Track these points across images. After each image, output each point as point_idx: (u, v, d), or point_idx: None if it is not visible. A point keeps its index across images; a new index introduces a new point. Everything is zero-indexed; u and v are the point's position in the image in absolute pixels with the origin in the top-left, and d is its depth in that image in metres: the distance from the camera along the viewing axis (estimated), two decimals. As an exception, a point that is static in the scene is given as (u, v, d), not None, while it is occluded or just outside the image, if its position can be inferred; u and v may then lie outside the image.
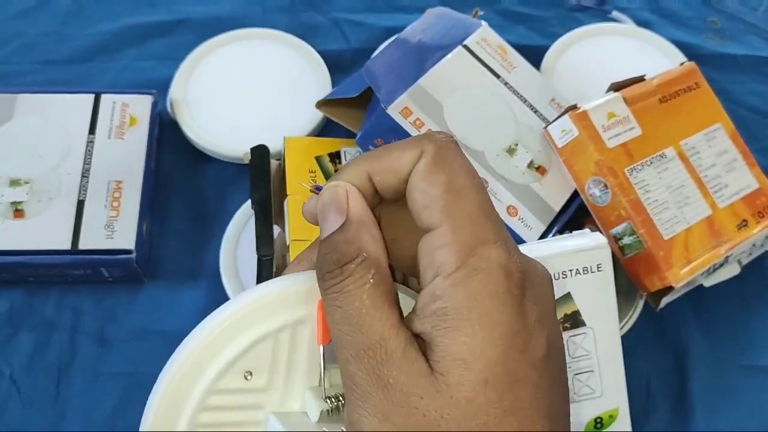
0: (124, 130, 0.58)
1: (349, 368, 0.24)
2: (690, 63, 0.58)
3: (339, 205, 0.26)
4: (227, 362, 0.26)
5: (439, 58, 0.53)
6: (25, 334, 0.53)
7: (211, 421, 0.26)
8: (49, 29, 0.69)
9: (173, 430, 0.26)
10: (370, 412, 0.23)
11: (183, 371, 0.26)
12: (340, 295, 0.24)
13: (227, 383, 0.26)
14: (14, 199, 0.54)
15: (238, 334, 0.26)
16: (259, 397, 0.27)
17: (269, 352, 0.27)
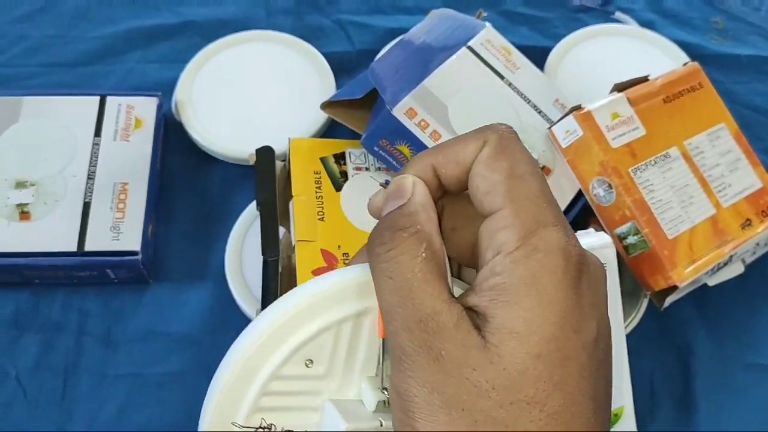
0: (129, 132, 0.59)
1: (400, 340, 0.24)
2: (693, 63, 0.59)
3: (403, 192, 0.27)
4: (291, 350, 0.27)
5: (444, 60, 0.53)
6: (31, 335, 0.53)
7: (272, 405, 0.27)
8: (53, 32, 0.69)
9: (234, 420, 0.27)
10: (419, 383, 0.24)
11: (248, 356, 0.27)
12: (390, 265, 0.25)
13: (289, 370, 0.27)
14: (20, 201, 0.54)
15: (303, 324, 0.27)
16: (318, 384, 0.28)
17: (331, 341, 0.27)
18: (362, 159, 0.56)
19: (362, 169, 0.55)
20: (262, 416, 0.27)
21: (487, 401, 0.23)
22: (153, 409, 0.51)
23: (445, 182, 0.28)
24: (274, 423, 0.28)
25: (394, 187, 0.27)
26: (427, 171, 0.28)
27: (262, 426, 0.28)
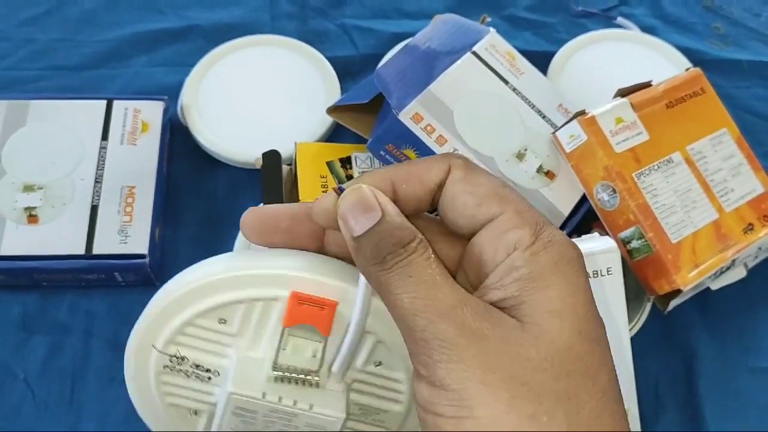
0: (136, 136, 0.59)
1: (436, 329, 0.24)
2: (695, 69, 0.59)
3: (369, 203, 0.27)
4: (208, 307, 0.30)
5: (449, 64, 0.54)
6: (39, 338, 0.54)
7: (187, 343, 0.31)
8: (60, 35, 0.69)
9: (154, 343, 0.31)
10: (471, 365, 0.24)
11: (174, 299, 0.30)
12: (408, 267, 0.25)
13: (203, 322, 0.31)
14: (28, 205, 0.55)
15: (225, 290, 0.30)
16: (229, 339, 0.31)
17: (242, 312, 0.30)
18: (368, 163, 0.56)
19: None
20: (178, 348, 0.31)
21: (544, 374, 0.24)
22: (161, 412, 0.51)
23: (404, 199, 0.28)
24: (187, 356, 0.31)
25: (355, 196, 0.27)
26: (384, 185, 0.28)
27: (176, 355, 0.31)
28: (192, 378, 0.32)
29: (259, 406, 0.30)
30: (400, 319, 0.25)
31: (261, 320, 0.31)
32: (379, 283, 0.26)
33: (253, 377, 0.31)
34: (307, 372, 0.30)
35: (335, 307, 0.30)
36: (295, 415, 0.30)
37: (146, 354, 0.32)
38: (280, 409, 0.30)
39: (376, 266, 0.26)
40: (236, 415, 0.31)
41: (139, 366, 0.32)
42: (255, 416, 0.31)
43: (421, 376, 0.25)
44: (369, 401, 0.33)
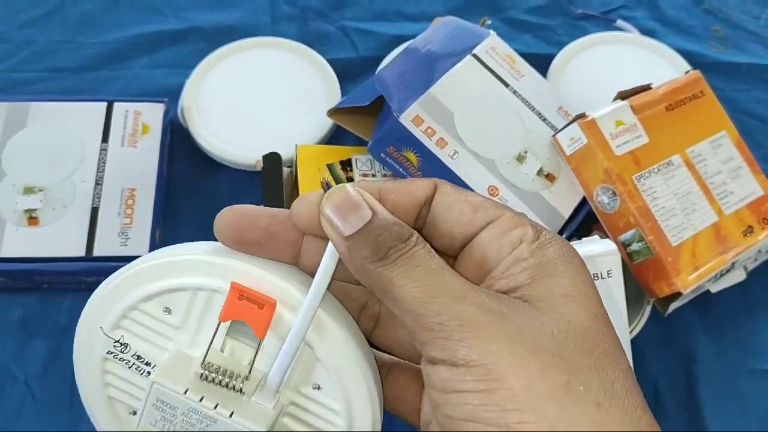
0: (136, 138, 0.59)
1: (452, 312, 0.24)
2: (695, 71, 0.59)
3: (355, 202, 0.26)
4: (153, 292, 0.29)
5: (449, 67, 0.54)
6: (39, 340, 0.54)
7: (131, 329, 0.30)
8: (60, 37, 0.69)
9: (100, 325, 0.30)
10: (496, 339, 0.23)
11: (121, 280, 0.30)
12: (413, 259, 0.25)
13: (149, 308, 0.30)
14: (28, 207, 0.55)
15: (171, 275, 0.29)
16: (172, 331, 0.30)
17: (186, 302, 0.30)
18: (368, 165, 0.56)
19: (368, 176, 0.56)
20: (123, 334, 0.30)
21: (569, 350, 0.23)
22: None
23: (391, 211, 0.27)
24: (130, 344, 0.30)
25: (342, 198, 0.26)
26: (371, 191, 0.27)
27: (120, 341, 0.30)
28: (133, 370, 0.31)
29: (180, 402, 0.29)
30: (409, 310, 0.25)
31: (203, 313, 0.30)
32: (380, 279, 0.25)
33: (181, 371, 0.29)
34: (235, 376, 0.29)
35: (274, 307, 0.28)
36: (214, 421, 0.29)
37: (94, 335, 0.31)
38: (199, 410, 0.29)
39: (377, 263, 0.25)
40: (157, 408, 0.29)
41: (87, 347, 0.31)
42: (175, 413, 0.29)
43: (439, 360, 0.24)
44: (300, 428, 0.31)
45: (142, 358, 0.31)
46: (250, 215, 0.29)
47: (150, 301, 0.30)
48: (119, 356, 0.31)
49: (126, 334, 0.30)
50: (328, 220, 0.26)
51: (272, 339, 0.29)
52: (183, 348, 0.30)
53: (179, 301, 0.30)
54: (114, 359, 0.31)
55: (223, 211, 0.29)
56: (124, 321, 0.30)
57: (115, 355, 0.31)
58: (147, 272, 0.29)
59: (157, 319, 0.30)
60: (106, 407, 0.32)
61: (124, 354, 0.31)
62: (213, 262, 0.29)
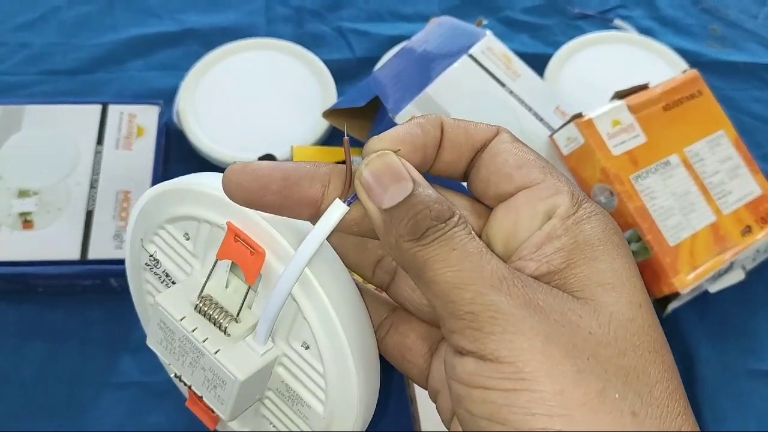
0: (131, 141, 0.59)
1: (486, 301, 0.22)
2: (692, 71, 0.59)
3: (399, 172, 0.24)
4: (174, 215, 0.29)
5: (445, 67, 0.54)
6: (35, 344, 0.53)
7: (161, 246, 0.31)
8: (55, 40, 0.69)
9: (141, 237, 0.31)
10: (530, 336, 0.21)
11: (157, 197, 0.30)
12: (451, 241, 0.23)
13: (173, 230, 0.30)
14: (23, 210, 0.55)
15: (186, 202, 0.29)
16: (190, 258, 0.30)
17: (199, 231, 0.29)
18: (364, 167, 0.56)
19: (365, 177, 0.55)
20: (155, 250, 0.31)
21: (609, 348, 0.22)
22: (158, 417, 0.51)
23: (447, 144, 0.26)
24: (160, 261, 0.31)
25: (384, 165, 0.24)
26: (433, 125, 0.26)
27: (153, 256, 0.31)
28: (164, 286, 0.32)
29: (176, 328, 0.29)
30: (441, 294, 0.23)
31: (210, 246, 0.29)
32: (414, 260, 0.23)
33: (184, 298, 0.29)
34: (226, 315, 0.28)
35: (263, 257, 0.27)
36: (202, 355, 0.28)
37: (137, 245, 0.32)
38: (190, 340, 0.28)
39: (413, 243, 0.23)
40: (161, 328, 0.29)
41: (132, 254, 0.32)
42: (173, 337, 0.29)
43: (466, 351, 0.23)
44: (293, 384, 0.30)
45: (169, 276, 0.31)
46: (262, 178, 0.25)
47: (173, 224, 0.30)
48: (153, 270, 0.32)
49: (158, 250, 0.31)
50: (366, 187, 0.24)
51: (267, 288, 0.28)
52: (197, 276, 0.30)
53: (194, 229, 0.30)
54: (150, 271, 0.32)
55: (230, 169, 0.25)
56: (155, 237, 0.31)
57: (150, 268, 0.32)
58: (175, 194, 0.29)
59: (179, 242, 0.30)
60: (147, 313, 0.34)
61: (157, 269, 0.31)
62: (219, 198, 0.27)
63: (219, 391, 0.28)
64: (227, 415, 0.29)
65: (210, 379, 0.28)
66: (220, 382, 0.28)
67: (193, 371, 0.29)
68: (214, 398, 0.29)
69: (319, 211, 0.26)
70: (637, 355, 0.22)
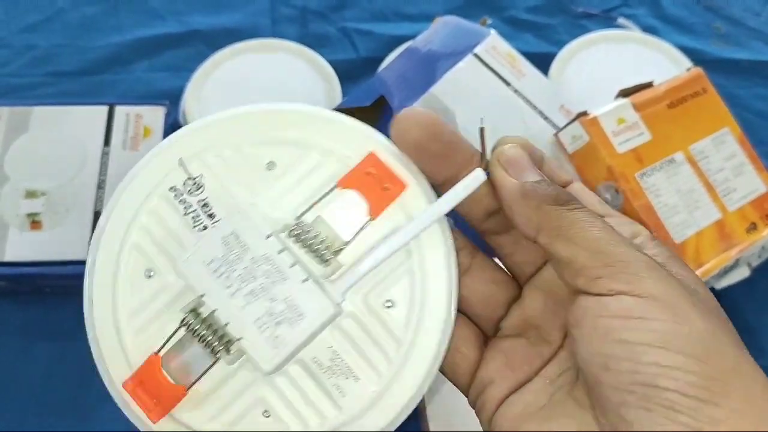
0: (138, 141, 0.59)
1: (634, 254, 0.25)
2: (696, 68, 0.59)
3: (529, 161, 0.28)
4: (265, 139, 0.28)
5: (450, 66, 0.54)
6: (42, 344, 0.54)
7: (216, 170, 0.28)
8: (61, 41, 0.70)
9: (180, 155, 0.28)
10: (675, 288, 0.24)
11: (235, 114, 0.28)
12: (590, 212, 0.26)
13: (252, 154, 0.28)
14: (31, 211, 0.55)
15: (291, 127, 0.28)
16: (263, 185, 0.28)
17: (295, 158, 0.28)
18: (370, 166, 0.56)
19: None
20: (204, 172, 0.28)
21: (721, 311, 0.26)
22: (165, 417, 0.51)
23: None
24: (204, 186, 0.28)
25: (518, 153, 0.28)
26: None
27: (195, 179, 0.28)
28: (184, 218, 0.28)
29: (257, 245, 0.26)
30: (588, 248, 0.25)
31: (311, 173, 0.28)
32: (559, 218, 0.26)
33: (276, 209, 0.27)
34: (324, 245, 0.27)
35: (401, 193, 0.27)
36: (284, 279, 0.26)
37: (164, 165, 0.28)
38: (274, 261, 0.26)
39: (557, 205, 0.26)
40: (224, 242, 0.26)
41: (143, 175, 0.28)
42: (242, 256, 0.26)
43: (619, 291, 0.24)
44: (347, 352, 0.27)
45: (208, 206, 0.28)
46: (437, 124, 0.28)
47: (258, 147, 0.28)
48: (181, 196, 0.28)
49: (208, 173, 0.28)
50: (506, 165, 0.27)
51: (370, 232, 0.27)
52: (267, 206, 0.28)
53: (287, 156, 0.28)
54: (168, 201, 0.28)
55: (408, 110, 0.27)
56: (218, 157, 0.28)
57: (175, 196, 0.28)
58: (277, 117, 0.28)
59: (255, 167, 0.28)
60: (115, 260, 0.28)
61: (189, 195, 0.28)
62: (355, 127, 0.28)
63: (282, 330, 0.26)
64: (278, 361, 0.26)
65: (278, 313, 0.26)
66: (295, 316, 0.26)
67: (249, 303, 0.26)
68: (264, 341, 0.26)
69: (458, 176, 0.28)
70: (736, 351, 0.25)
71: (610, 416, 0.24)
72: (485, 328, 0.30)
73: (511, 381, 0.28)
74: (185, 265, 0.27)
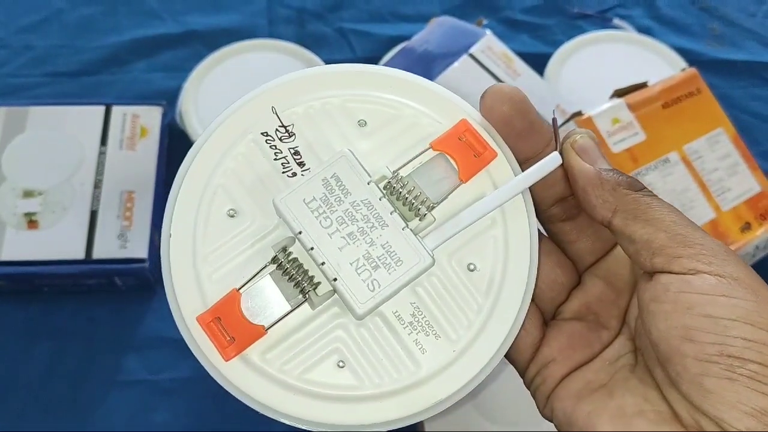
0: (135, 141, 0.59)
1: (711, 240, 0.26)
2: (691, 69, 0.59)
3: (600, 152, 0.29)
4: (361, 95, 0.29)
5: (446, 67, 0.54)
6: (41, 343, 0.54)
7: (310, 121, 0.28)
8: (58, 42, 0.70)
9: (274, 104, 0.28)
10: (751, 273, 0.25)
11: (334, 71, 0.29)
12: (664, 201, 0.27)
13: (345, 108, 0.28)
14: (28, 210, 0.55)
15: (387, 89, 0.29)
16: (351, 139, 0.28)
17: (386, 118, 0.29)
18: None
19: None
20: (295, 121, 0.28)
21: None
22: (164, 415, 0.51)
23: None
24: (296, 135, 0.28)
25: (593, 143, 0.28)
26: None
27: (288, 127, 0.28)
28: (273, 164, 0.28)
29: (359, 189, 0.26)
30: (667, 230, 0.26)
31: (402, 134, 0.28)
32: (636, 202, 0.27)
33: (367, 163, 0.27)
34: (422, 200, 0.27)
35: (492, 161, 0.28)
36: (383, 225, 0.26)
37: (255, 112, 0.28)
38: (374, 207, 0.26)
39: (629, 190, 0.27)
40: (325, 184, 0.27)
41: (232, 122, 0.28)
42: (342, 199, 0.26)
43: (702, 271, 0.25)
44: (429, 309, 0.27)
45: (299, 155, 0.28)
46: (526, 102, 0.29)
47: (350, 104, 0.28)
48: (272, 143, 0.28)
49: (300, 122, 0.28)
50: (581, 151, 0.28)
51: (458, 194, 0.28)
52: (361, 158, 0.28)
53: (378, 116, 0.28)
54: (258, 144, 0.28)
55: (499, 85, 0.29)
56: (309, 109, 0.28)
57: (267, 140, 0.28)
58: (377, 78, 0.29)
59: (342, 123, 0.28)
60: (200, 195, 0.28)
61: (281, 141, 0.28)
62: (447, 96, 0.29)
63: (379, 274, 0.26)
64: (372, 304, 0.26)
65: (376, 257, 0.26)
66: (393, 262, 0.26)
67: (348, 245, 0.26)
68: (361, 283, 0.26)
69: (536, 157, 0.29)
70: None
71: (686, 387, 0.24)
72: (545, 310, 0.31)
73: (573, 360, 0.29)
74: (284, 202, 0.26)
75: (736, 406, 0.23)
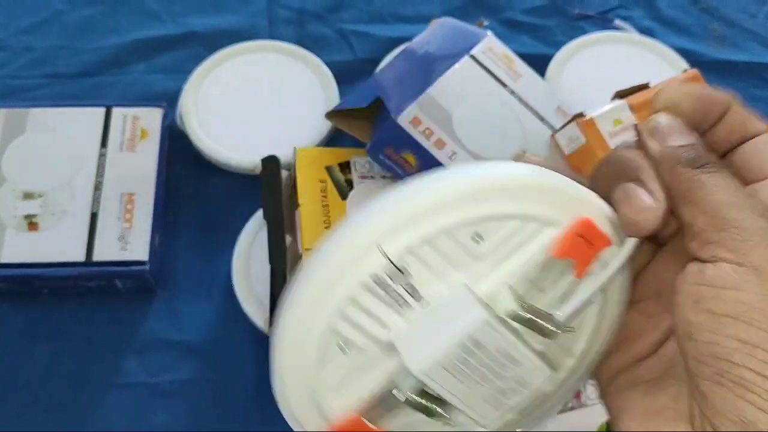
0: (135, 143, 0.59)
1: (755, 222, 0.24)
2: (693, 70, 0.59)
3: (682, 126, 0.26)
4: (472, 217, 0.26)
5: (447, 68, 0.54)
6: (41, 345, 0.54)
7: (425, 257, 0.26)
8: (58, 43, 0.69)
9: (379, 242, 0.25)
10: None
11: (450, 194, 0.25)
12: (725, 174, 0.25)
13: (461, 233, 0.26)
14: (28, 212, 0.55)
15: (507, 199, 0.26)
16: (467, 261, 0.26)
17: (507, 231, 0.26)
18: (367, 167, 0.56)
19: (367, 178, 0.56)
20: (409, 261, 0.25)
21: None
22: (163, 417, 0.51)
23: (726, 124, 0.27)
24: (411, 273, 0.25)
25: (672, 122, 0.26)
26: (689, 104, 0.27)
27: (400, 267, 0.25)
28: (385, 301, 0.26)
29: (496, 340, 0.25)
30: (708, 211, 0.24)
31: (520, 244, 0.26)
32: (688, 182, 0.25)
33: (495, 305, 0.26)
34: (547, 316, 0.26)
35: (605, 247, 0.26)
36: (517, 362, 0.25)
37: (359, 253, 0.25)
38: (512, 344, 0.25)
39: (689, 169, 0.25)
40: (463, 348, 0.25)
41: (335, 265, 0.25)
42: (481, 358, 0.25)
43: (722, 259, 0.24)
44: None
45: (415, 289, 0.26)
46: (710, 97, 0.27)
47: (466, 228, 0.25)
48: (383, 285, 0.25)
49: (413, 262, 0.25)
50: (652, 132, 0.26)
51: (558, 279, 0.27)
52: (470, 282, 0.26)
53: (499, 229, 0.26)
54: (369, 291, 0.25)
55: (678, 85, 0.27)
56: (422, 247, 0.25)
57: (378, 284, 0.25)
58: (484, 192, 0.26)
59: (461, 246, 0.26)
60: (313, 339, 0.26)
61: (389, 284, 0.25)
62: (574, 195, 0.26)
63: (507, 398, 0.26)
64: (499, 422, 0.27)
65: (505, 388, 0.26)
66: (530, 387, 0.26)
67: (478, 385, 0.26)
68: (495, 411, 0.26)
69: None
70: None
71: (693, 389, 0.23)
72: None
73: (630, 355, 0.28)
74: (420, 367, 0.25)
75: (724, 414, 0.22)
